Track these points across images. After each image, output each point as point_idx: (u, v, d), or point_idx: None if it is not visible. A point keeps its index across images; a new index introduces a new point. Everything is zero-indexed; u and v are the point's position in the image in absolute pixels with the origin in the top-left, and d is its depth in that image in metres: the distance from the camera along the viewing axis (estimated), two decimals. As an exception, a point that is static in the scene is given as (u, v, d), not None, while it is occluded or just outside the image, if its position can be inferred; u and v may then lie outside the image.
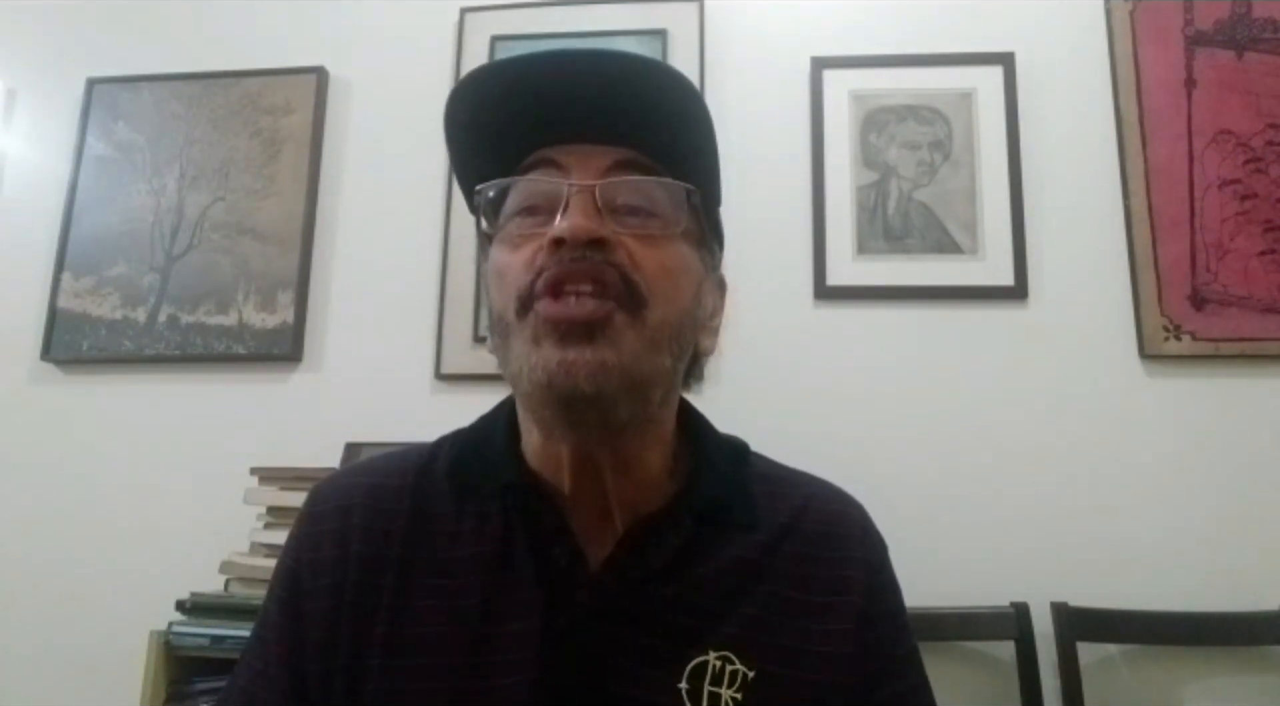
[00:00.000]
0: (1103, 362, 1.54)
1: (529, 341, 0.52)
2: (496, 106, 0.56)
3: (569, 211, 0.53)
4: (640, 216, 0.55)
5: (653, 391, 0.55)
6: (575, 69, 0.55)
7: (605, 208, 0.54)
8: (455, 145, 0.59)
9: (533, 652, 0.54)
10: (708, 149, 0.59)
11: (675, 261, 0.56)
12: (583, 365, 0.50)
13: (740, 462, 0.66)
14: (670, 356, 0.55)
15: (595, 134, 0.56)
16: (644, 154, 0.56)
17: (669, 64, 0.54)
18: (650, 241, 0.55)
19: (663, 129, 0.56)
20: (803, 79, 1.70)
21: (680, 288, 0.56)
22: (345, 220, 1.75)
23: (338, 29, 1.83)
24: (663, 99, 0.55)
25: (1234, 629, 1.38)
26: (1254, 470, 1.47)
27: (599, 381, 0.51)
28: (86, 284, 1.74)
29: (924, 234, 1.61)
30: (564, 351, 0.51)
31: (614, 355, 0.51)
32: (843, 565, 0.62)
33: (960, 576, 1.43)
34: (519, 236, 0.56)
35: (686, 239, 0.58)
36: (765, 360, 1.57)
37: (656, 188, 0.56)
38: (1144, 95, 1.61)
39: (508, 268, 0.55)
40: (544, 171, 0.56)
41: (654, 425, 0.59)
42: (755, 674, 0.56)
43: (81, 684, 1.54)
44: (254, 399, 1.67)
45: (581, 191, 0.53)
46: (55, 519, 1.65)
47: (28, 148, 1.86)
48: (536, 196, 0.56)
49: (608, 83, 0.54)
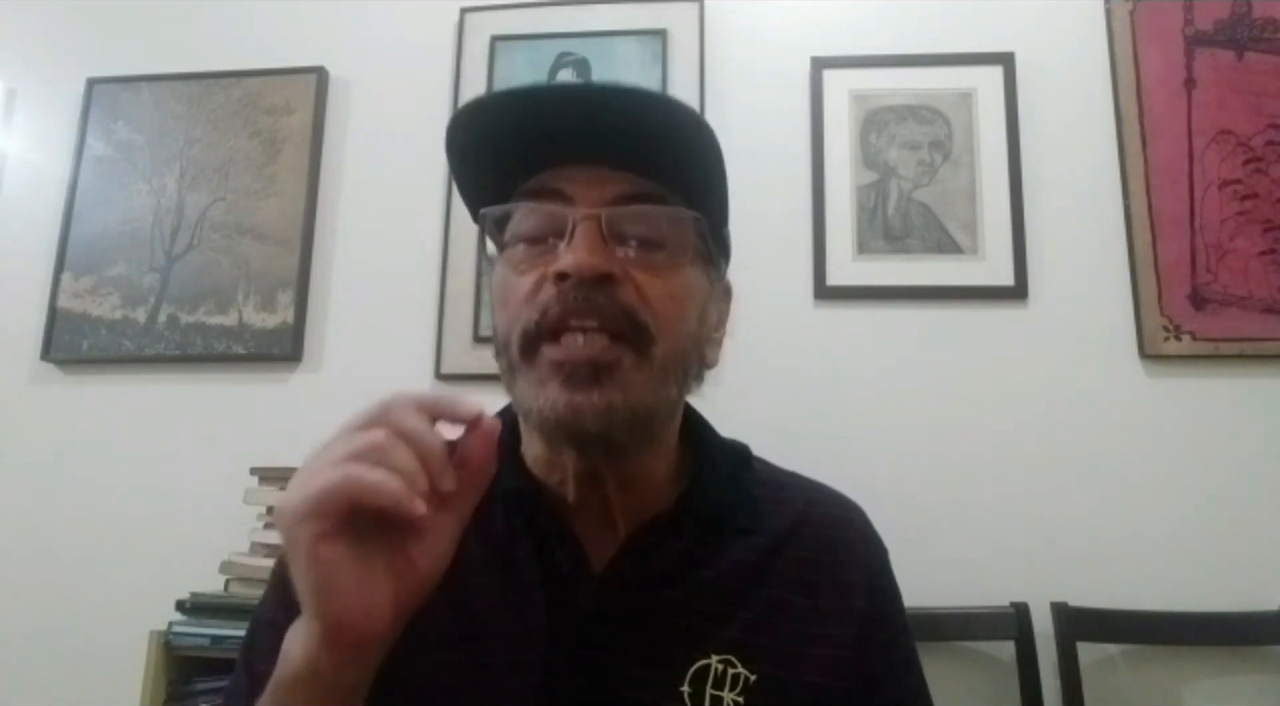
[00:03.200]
0: (1103, 363, 1.54)
1: (535, 383, 0.52)
2: (504, 127, 0.55)
3: (574, 242, 0.52)
4: (647, 247, 0.54)
5: (658, 421, 0.56)
6: (582, 94, 0.55)
7: (612, 236, 0.53)
8: (460, 163, 0.58)
9: (535, 655, 0.54)
10: (716, 173, 0.57)
11: (682, 290, 0.56)
12: (590, 408, 0.51)
13: (742, 467, 0.66)
14: (676, 385, 0.56)
15: (602, 158, 0.54)
16: (651, 179, 0.55)
17: (675, 97, 0.54)
18: (657, 272, 0.54)
19: (670, 154, 0.54)
20: (803, 79, 1.70)
21: (687, 315, 0.56)
22: (345, 220, 1.75)
23: (338, 29, 1.84)
24: (670, 125, 0.54)
25: (1234, 629, 1.38)
26: (1254, 470, 1.47)
27: (605, 422, 0.51)
28: (86, 284, 1.74)
29: (924, 234, 1.61)
30: (571, 394, 0.51)
31: (621, 397, 0.51)
32: (844, 570, 0.62)
33: (960, 576, 1.43)
34: (524, 263, 0.55)
35: (694, 261, 0.57)
36: (765, 360, 1.57)
37: (664, 217, 0.55)
38: (1144, 95, 1.61)
39: (511, 293, 0.55)
40: (550, 198, 0.55)
41: (658, 442, 0.59)
42: (757, 677, 0.56)
43: (81, 684, 1.54)
44: (254, 399, 1.67)
45: (587, 220, 0.52)
46: (55, 519, 1.65)
47: (28, 148, 1.86)
48: (542, 223, 0.55)
49: (613, 107, 0.53)
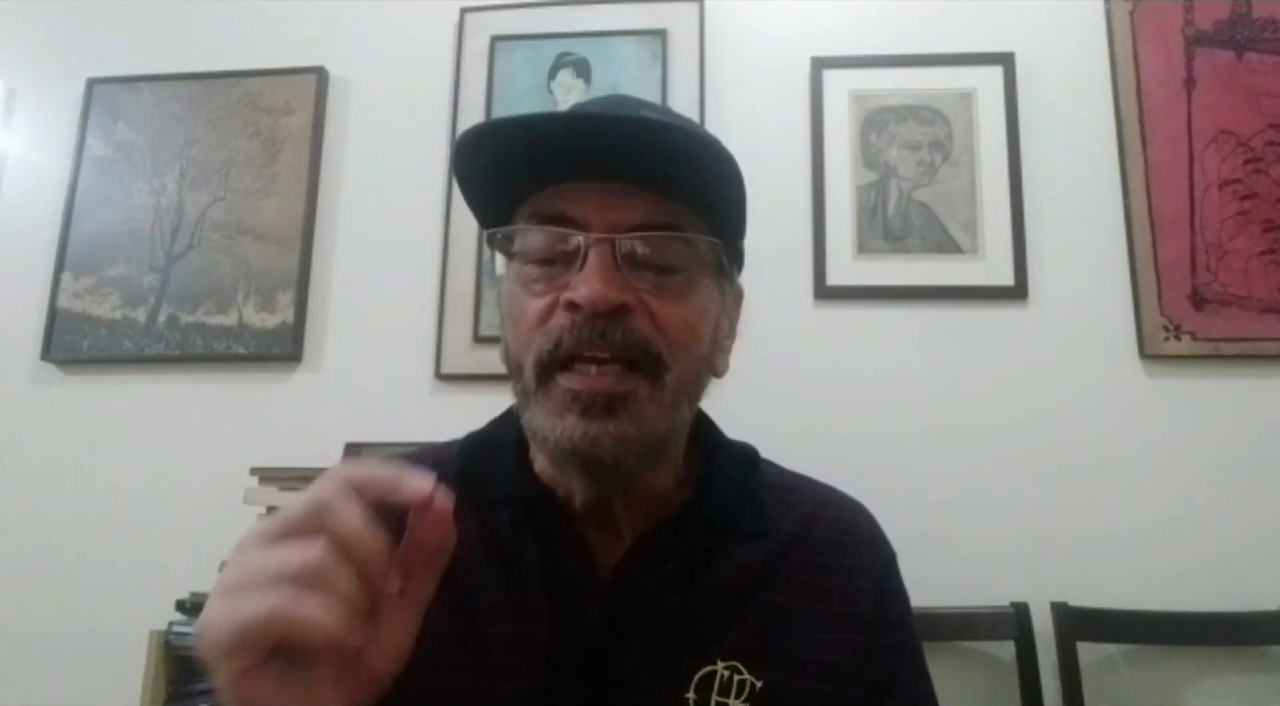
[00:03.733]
0: (1103, 363, 1.54)
1: (552, 413, 0.52)
2: (513, 142, 0.53)
3: (586, 271, 0.51)
4: (662, 273, 0.54)
5: (670, 444, 0.57)
6: (595, 117, 0.54)
7: (625, 261, 0.52)
8: (465, 183, 0.57)
9: (540, 660, 0.54)
10: (735, 195, 0.56)
11: (697, 315, 0.55)
12: (605, 437, 0.51)
13: (750, 470, 0.66)
14: (688, 406, 0.56)
15: (615, 173, 0.53)
16: (666, 198, 0.54)
17: (688, 119, 0.53)
18: (672, 297, 0.54)
19: (686, 168, 0.53)
20: (803, 79, 1.70)
21: (701, 338, 0.56)
22: (345, 220, 1.75)
23: (338, 29, 1.83)
24: (683, 138, 0.53)
25: (1234, 629, 1.38)
26: (1254, 470, 1.47)
27: (619, 452, 0.52)
28: (86, 284, 1.74)
29: (924, 234, 1.61)
30: (587, 424, 0.51)
31: (634, 429, 0.52)
32: (851, 575, 0.62)
33: (960, 576, 1.43)
34: (537, 283, 0.54)
35: (708, 281, 0.56)
36: (765, 360, 1.57)
37: (679, 243, 0.54)
38: (1144, 95, 1.61)
39: (523, 315, 0.54)
40: (561, 221, 0.54)
41: (666, 458, 0.59)
42: (763, 684, 0.56)
43: (81, 684, 1.54)
44: (254, 399, 1.67)
45: (600, 244, 0.52)
46: (55, 519, 1.65)
47: (28, 148, 1.86)
48: (553, 245, 0.54)
49: (627, 127, 0.52)
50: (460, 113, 1.74)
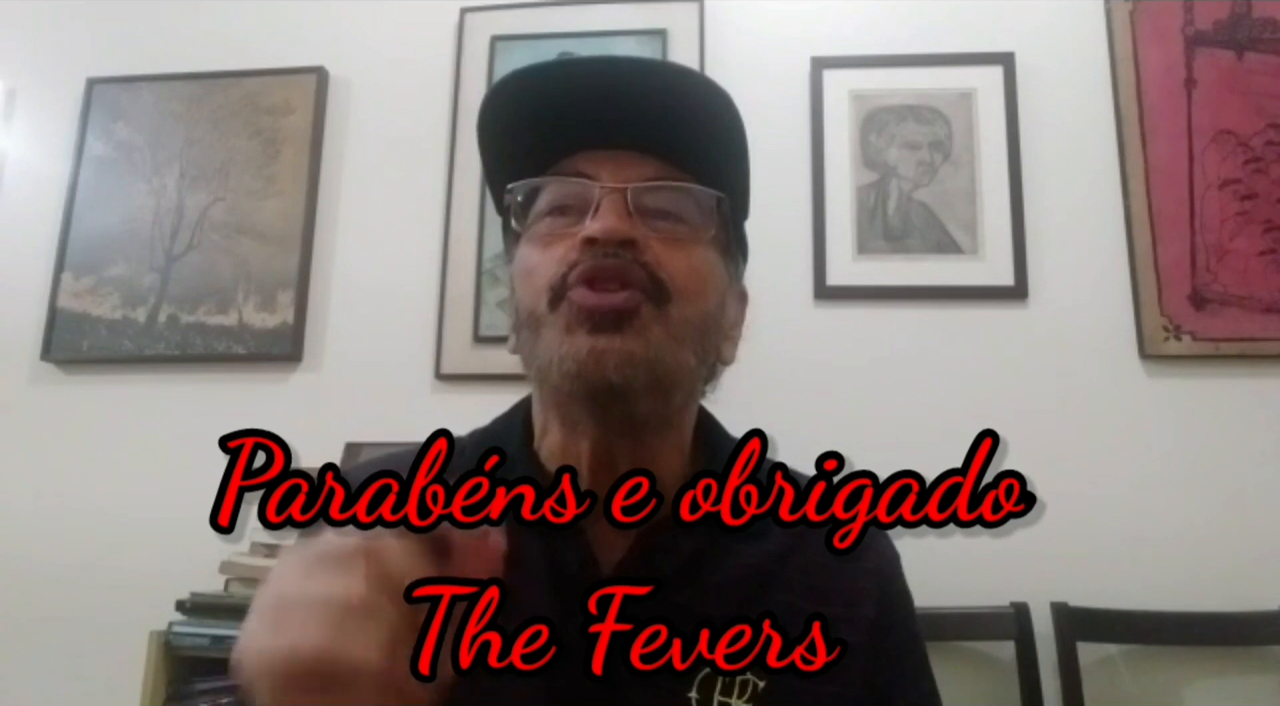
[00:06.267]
0: (1103, 362, 1.54)
1: (562, 330, 0.54)
2: (532, 110, 0.57)
3: (600, 213, 0.54)
4: (669, 221, 0.56)
5: (675, 389, 0.56)
6: (613, 74, 0.56)
7: (635, 211, 0.55)
8: (488, 146, 0.60)
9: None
10: (739, 156, 0.60)
11: (701, 265, 0.57)
12: (612, 354, 0.52)
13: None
14: (694, 355, 0.56)
15: (629, 141, 0.57)
16: (675, 164, 0.57)
17: (703, 73, 0.55)
18: (678, 245, 0.56)
19: (696, 137, 0.57)
20: (803, 79, 1.70)
21: (705, 290, 0.57)
22: (345, 220, 1.75)
23: (338, 29, 1.83)
24: (697, 107, 0.56)
25: (1234, 629, 1.38)
26: (1254, 470, 1.47)
27: (626, 373, 0.52)
28: (86, 284, 1.74)
29: (924, 234, 1.61)
30: (595, 339, 0.52)
31: (641, 347, 0.53)
32: (855, 575, 0.61)
33: (960, 576, 1.43)
34: (549, 235, 0.57)
35: (713, 245, 0.59)
36: (765, 360, 1.56)
37: (686, 195, 0.57)
38: (1144, 95, 1.61)
39: (537, 265, 0.56)
40: (577, 177, 0.57)
41: (673, 429, 0.59)
42: (766, 684, 0.55)
43: (81, 684, 1.54)
44: (254, 399, 1.67)
45: (613, 194, 0.55)
46: (55, 519, 1.65)
47: (28, 148, 1.86)
48: (568, 197, 0.57)
49: (643, 91, 0.55)
50: (460, 113, 1.73)
